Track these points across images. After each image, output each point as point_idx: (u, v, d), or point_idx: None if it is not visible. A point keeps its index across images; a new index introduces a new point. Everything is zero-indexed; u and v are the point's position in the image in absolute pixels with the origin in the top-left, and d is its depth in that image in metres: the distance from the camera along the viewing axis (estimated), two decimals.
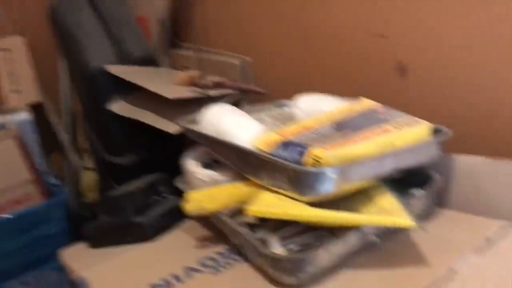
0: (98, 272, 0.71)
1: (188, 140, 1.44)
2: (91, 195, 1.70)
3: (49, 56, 1.75)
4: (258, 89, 1.12)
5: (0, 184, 1.27)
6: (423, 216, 0.68)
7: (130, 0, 1.50)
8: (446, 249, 0.60)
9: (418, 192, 0.68)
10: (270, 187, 0.64)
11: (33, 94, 1.63)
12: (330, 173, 0.58)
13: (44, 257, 1.41)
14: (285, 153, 0.61)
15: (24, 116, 1.58)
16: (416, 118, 0.69)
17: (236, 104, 1.10)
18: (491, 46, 0.76)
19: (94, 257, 0.79)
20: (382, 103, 0.75)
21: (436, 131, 0.69)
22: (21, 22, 1.74)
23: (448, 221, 0.68)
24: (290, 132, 0.67)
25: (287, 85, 1.12)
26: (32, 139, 1.60)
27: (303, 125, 0.69)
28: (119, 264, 0.73)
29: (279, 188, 0.63)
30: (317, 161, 0.58)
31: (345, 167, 0.59)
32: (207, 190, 0.70)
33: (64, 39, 1.33)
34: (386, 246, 0.63)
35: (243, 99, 1.16)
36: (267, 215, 0.61)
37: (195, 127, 0.80)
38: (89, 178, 1.68)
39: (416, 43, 0.86)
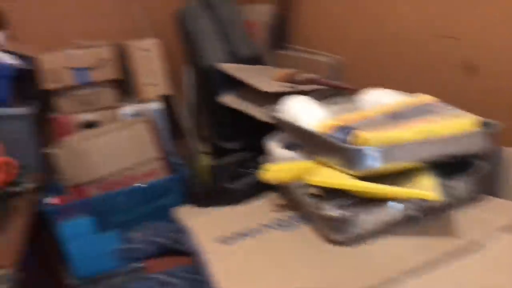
0: (197, 222, 0.93)
1: None
2: (206, 177, 1.94)
3: (177, 55, 2.06)
4: (345, 85, 1.25)
5: (135, 159, 1.58)
6: (465, 199, 0.76)
7: (241, 7, 1.73)
8: (476, 226, 0.69)
9: (460, 177, 0.76)
10: (328, 163, 0.79)
11: (164, 87, 1.94)
12: (371, 151, 0.70)
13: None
14: (339, 135, 0.75)
15: (156, 105, 1.90)
16: (465, 112, 0.77)
17: (330, 98, 1.23)
18: None
19: (197, 213, 1.01)
20: (450, 101, 0.84)
21: (485, 124, 0.77)
22: (157, 25, 2.08)
23: (486, 205, 0.76)
24: (348, 119, 0.80)
25: (372, 81, 1.22)
26: (162, 125, 1.92)
27: (362, 114, 0.82)
28: (213, 218, 0.94)
29: (334, 164, 0.77)
30: (359, 140, 0.71)
31: (386, 147, 0.71)
32: (282, 164, 0.87)
33: (188, 41, 1.58)
34: (425, 221, 0.73)
35: (335, 94, 1.29)
36: (323, 184, 0.76)
37: (277, 115, 0.97)
38: (204, 161, 1.93)
39: (486, 43, 0.92)
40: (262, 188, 1.01)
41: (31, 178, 1.64)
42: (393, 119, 0.78)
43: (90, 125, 1.84)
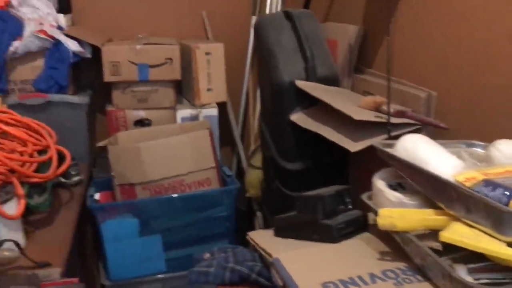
0: (288, 257, 0.84)
1: (353, 157, 1.49)
2: (253, 191, 1.85)
3: (236, 62, 2.00)
4: (440, 123, 1.16)
5: (194, 167, 1.51)
6: None
7: (325, 24, 1.66)
8: None
9: None
10: (464, 219, 0.70)
11: (222, 94, 1.88)
12: None
13: (213, 235, 1.63)
14: (488, 192, 0.67)
15: (213, 111, 1.84)
16: None
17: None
18: None
19: (281, 244, 0.93)
20: None
21: None
22: (221, 30, 2.02)
23: None
24: (493, 173, 0.72)
25: (468, 123, 1.12)
26: (216, 132, 1.85)
27: (508, 169, 0.73)
28: (309, 254, 0.85)
29: (475, 222, 0.68)
30: None
31: None
32: (400, 210, 0.78)
33: (263, 51, 1.50)
34: None
35: (420, 130, 1.20)
36: (459, 244, 0.66)
37: (390, 150, 0.88)
38: (253, 175, 1.84)
39: None
40: (359, 228, 0.93)
41: (81, 170, 1.59)
42: None
43: (142, 123, 1.80)
